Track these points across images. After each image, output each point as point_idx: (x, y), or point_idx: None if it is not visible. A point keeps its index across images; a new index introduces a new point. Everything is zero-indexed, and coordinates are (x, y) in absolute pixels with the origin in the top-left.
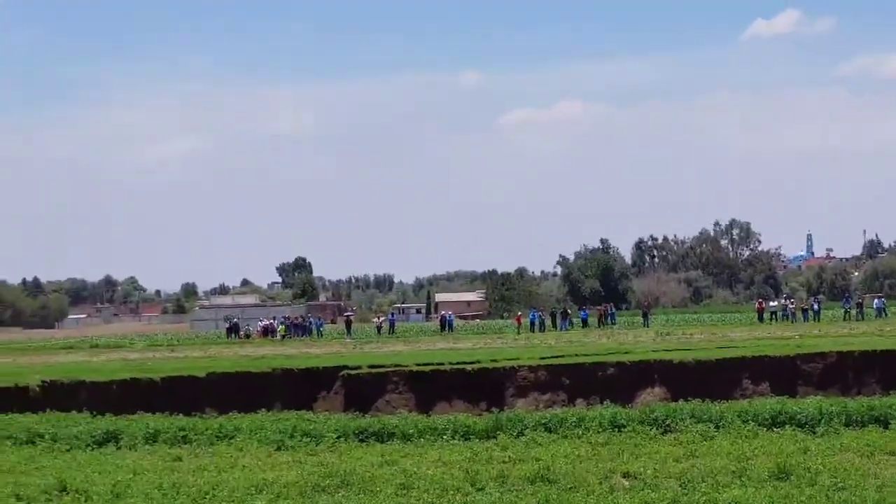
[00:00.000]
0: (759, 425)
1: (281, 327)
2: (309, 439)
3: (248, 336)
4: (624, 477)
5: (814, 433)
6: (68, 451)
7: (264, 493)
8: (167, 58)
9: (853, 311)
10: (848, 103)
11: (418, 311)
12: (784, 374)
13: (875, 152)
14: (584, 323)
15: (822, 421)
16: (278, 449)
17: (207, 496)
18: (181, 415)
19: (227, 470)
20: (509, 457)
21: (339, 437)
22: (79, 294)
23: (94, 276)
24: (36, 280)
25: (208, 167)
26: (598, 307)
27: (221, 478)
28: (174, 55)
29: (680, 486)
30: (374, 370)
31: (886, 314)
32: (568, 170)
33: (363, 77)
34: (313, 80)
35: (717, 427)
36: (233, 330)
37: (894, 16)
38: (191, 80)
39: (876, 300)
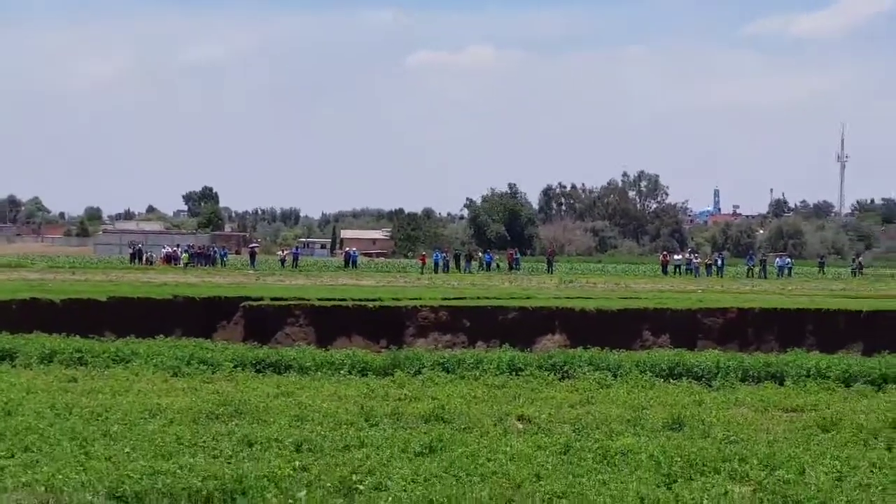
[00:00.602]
0: (656, 376)
1: (184, 255)
2: (206, 367)
3: (150, 262)
4: (518, 420)
5: (710, 386)
6: None
7: (157, 417)
8: None
9: (756, 269)
10: (758, 62)
11: (323, 247)
12: (684, 327)
13: (784, 112)
14: (488, 266)
15: (719, 375)
16: (174, 375)
17: (100, 418)
18: (79, 337)
19: (121, 393)
20: (405, 394)
21: (235, 367)
22: None
23: None
24: None
25: (120, 92)
26: (508, 251)
27: (115, 401)
28: None
29: (574, 431)
30: (275, 302)
31: (790, 273)
32: (479, 114)
33: (277, 13)
34: (227, 14)
35: (615, 376)
36: (136, 255)
37: None
38: (109, 8)
39: (778, 259)
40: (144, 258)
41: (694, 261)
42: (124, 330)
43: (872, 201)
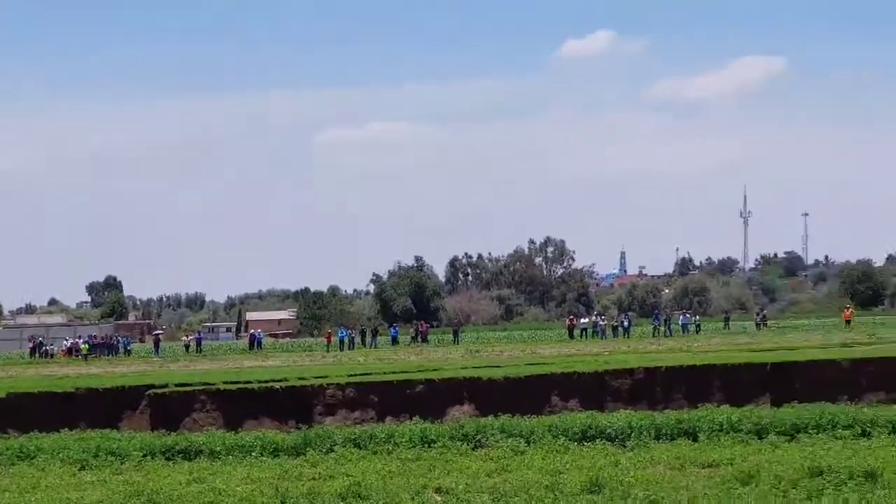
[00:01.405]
0: (569, 439)
1: (84, 346)
2: (114, 458)
3: (51, 355)
4: (436, 492)
5: (624, 447)
6: None
7: None
8: None
9: (662, 328)
10: (659, 125)
11: (228, 330)
12: (593, 389)
13: (686, 172)
14: (394, 340)
15: (633, 434)
16: (82, 468)
17: None
18: None
19: (29, 490)
20: (319, 473)
21: (144, 456)
22: None
23: None
24: None
25: (17, 184)
26: (420, 323)
27: (23, 499)
28: None
29: (492, 500)
30: (181, 389)
31: (697, 329)
32: (386, 189)
33: (179, 97)
34: (125, 100)
35: (528, 442)
36: (36, 349)
37: (701, 37)
38: (8, 95)
39: (682, 317)
40: (44, 351)
41: (600, 323)
42: (27, 426)
43: (776, 255)
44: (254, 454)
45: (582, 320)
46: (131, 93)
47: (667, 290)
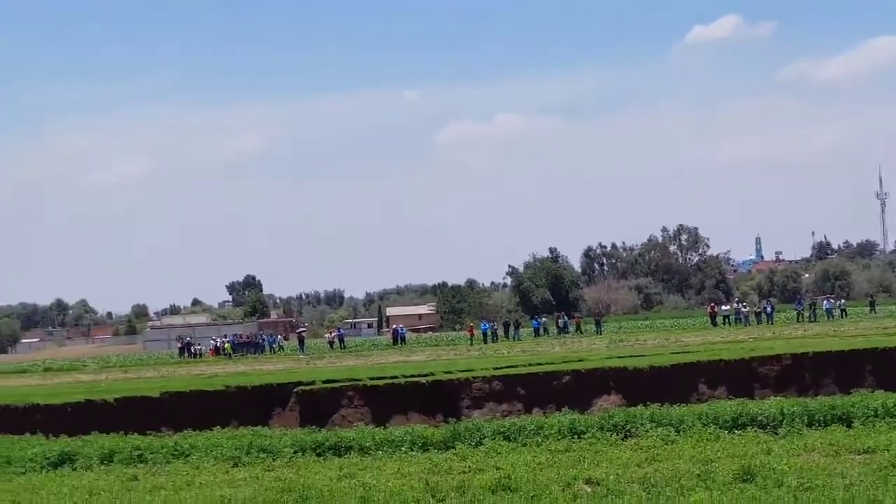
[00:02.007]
0: (720, 428)
1: (227, 345)
2: (265, 455)
3: (200, 355)
4: (586, 483)
5: (776, 434)
6: (23, 474)
7: None
8: (118, 80)
9: (806, 313)
10: (790, 108)
11: (370, 326)
12: (740, 377)
13: (818, 155)
14: (536, 332)
15: (784, 421)
16: (235, 465)
17: None
18: (137, 435)
19: (183, 488)
20: (469, 466)
21: (295, 452)
22: (30, 318)
23: (44, 299)
24: None
25: (158, 189)
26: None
27: (178, 496)
28: (124, 76)
29: (644, 490)
30: (328, 385)
31: (843, 314)
32: (514, 182)
33: (308, 98)
34: (259, 102)
35: (678, 431)
36: (185, 349)
37: (831, 19)
38: (141, 101)
39: (826, 301)
40: (193, 351)
41: (742, 310)
42: (180, 424)
43: None
44: (403, 449)
45: (723, 307)
46: (265, 94)
47: (806, 275)
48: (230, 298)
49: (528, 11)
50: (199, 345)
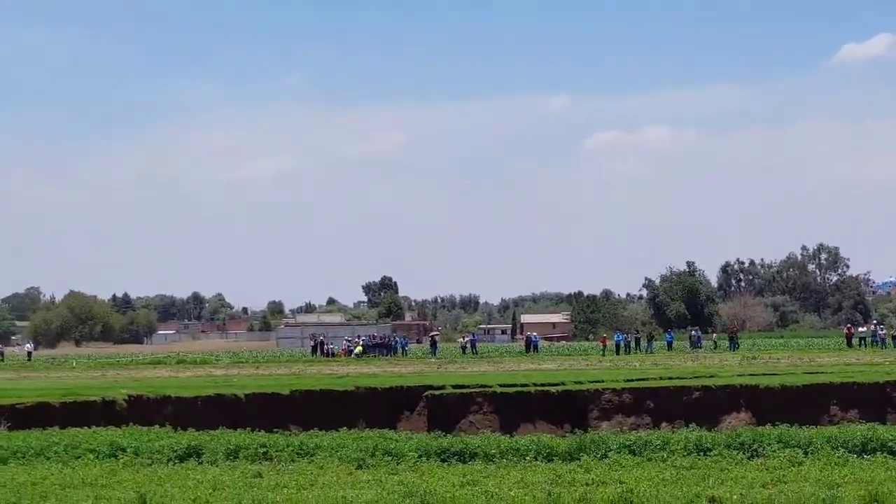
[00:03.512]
0: (848, 452)
1: (358, 347)
2: (390, 458)
3: (332, 354)
4: (710, 502)
5: None
6: (150, 465)
7: None
8: (259, 77)
9: None
10: None
11: (503, 332)
12: (874, 400)
13: None
14: (670, 346)
15: None
16: (359, 467)
17: None
18: (263, 431)
19: (306, 487)
20: (592, 479)
21: (420, 457)
22: (167, 310)
23: (182, 292)
24: (126, 296)
25: (298, 186)
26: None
27: (301, 495)
28: (266, 74)
29: None
30: (457, 390)
31: None
32: (655, 194)
33: (452, 100)
34: (403, 103)
35: (806, 453)
36: (317, 348)
37: None
38: (283, 99)
39: None
40: (326, 350)
41: (880, 332)
42: (308, 423)
43: None
44: (528, 458)
45: (860, 329)
46: (412, 95)
47: None
48: (366, 299)
49: (677, 24)
50: (331, 344)
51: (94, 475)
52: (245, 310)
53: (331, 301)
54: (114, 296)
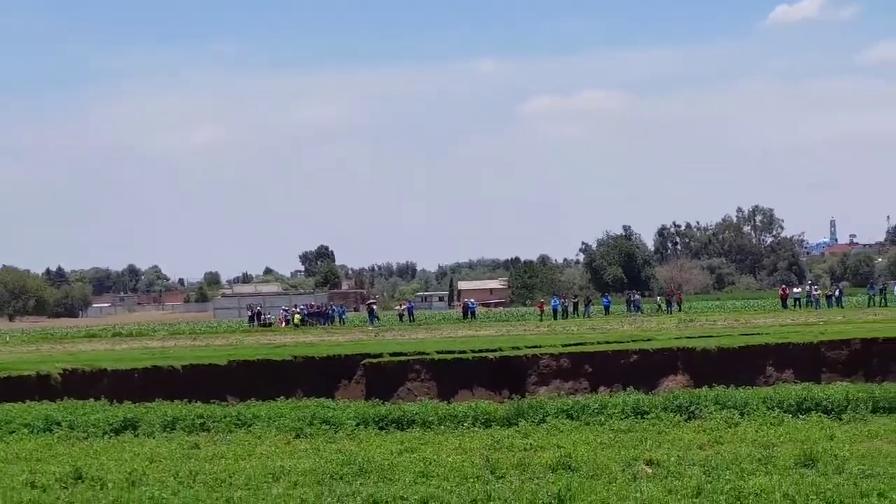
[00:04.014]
0: (784, 412)
1: (296, 317)
2: (328, 427)
3: (269, 324)
4: (647, 464)
5: (840, 420)
6: (85, 438)
7: (281, 480)
8: (193, 45)
9: (878, 298)
10: (870, 91)
11: (441, 299)
12: (808, 360)
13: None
14: (607, 310)
15: (849, 407)
16: (297, 436)
17: (224, 484)
18: (201, 403)
19: (244, 458)
20: (530, 444)
21: (358, 425)
22: (102, 283)
23: (117, 265)
24: (60, 269)
25: (232, 156)
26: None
27: (238, 465)
28: (201, 43)
29: (704, 473)
30: (395, 358)
31: None
32: (591, 158)
33: (386, 66)
34: (336, 71)
35: (742, 414)
36: (255, 318)
37: None
38: (217, 68)
39: None
40: (263, 320)
41: (814, 293)
42: (246, 393)
43: None
44: (466, 424)
45: (795, 290)
46: (344, 63)
47: (880, 260)
48: (303, 268)
49: None
50: (269, 314)
51: (28, 450)
52: (181, 281)
53: (268, 271)
54: (48, 269)
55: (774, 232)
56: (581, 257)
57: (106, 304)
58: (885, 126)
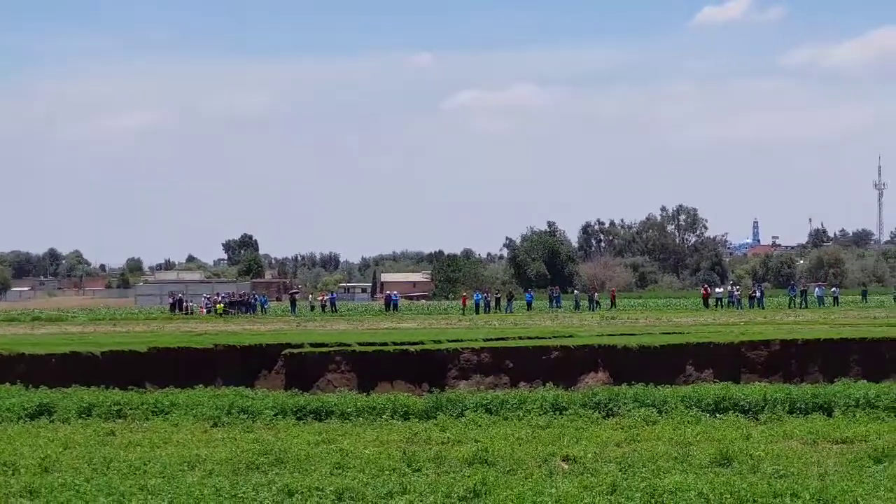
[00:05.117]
0: (702, 411)
1: (219, 306)
2: (246, 416)
3: (191, 312)
4: (564, 460)
5: (757, 420)
6: None
7: (196, 469)
8: (123, 30)
9: (798, 300)
10: (795, 93)
11: (364, 291)
12: (728, 360)
13: (820, 142)
14: (529, 306)
15: (766, 408)
16: (214, 425)
17: (138, 472)
18: (119, 390)
19: (160, 445)
20: (448, 438)
21: (276, 415)
22: (22, 267)
23: (37, 248)
24: None
25: (157, 142)
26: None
27: (154, 453)
28: (131, 27)
29: (620, 470)
30: (316, 349)
31: (835, 302)
32: (517, 153)
33: (315, 57)
34: (265, 60)
35: (660, 412)
36: (176, 305)
37: (839, 6)
38: (144, 54)
39: (817, 288)
40: (185, 308)
41: (735, 293)
42: (165, 381)
43: None
44: (384, 416)
45: (717, 290)
46: (270, 52)
47: (801, 261)
48: (226, 257)
49: None
50: (190, 301)
51: None
52: (103, 267)
53: (190, 258)
54: None
55: (698, 232)
56: (505, 252)
57: (26, 289)
58: (808, 128)
